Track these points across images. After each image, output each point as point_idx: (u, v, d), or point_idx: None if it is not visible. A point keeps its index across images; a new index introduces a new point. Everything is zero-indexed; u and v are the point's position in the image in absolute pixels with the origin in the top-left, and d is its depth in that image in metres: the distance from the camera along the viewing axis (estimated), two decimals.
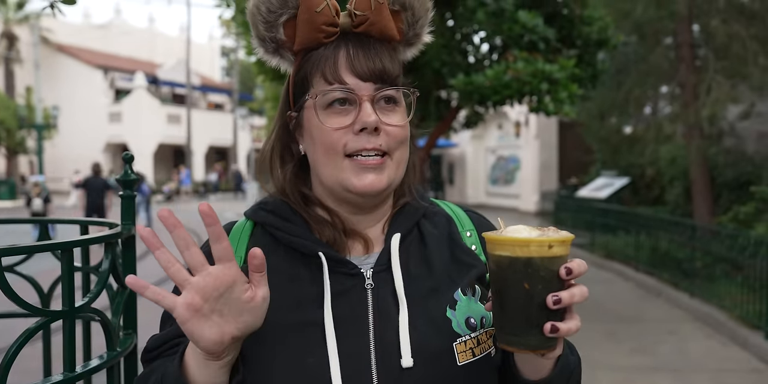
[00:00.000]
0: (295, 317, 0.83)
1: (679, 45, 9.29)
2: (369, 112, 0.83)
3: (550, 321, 0.72)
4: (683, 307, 6.65)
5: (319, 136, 0.86)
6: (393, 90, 0.86)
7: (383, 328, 0.83)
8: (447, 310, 0.86)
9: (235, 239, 0.92)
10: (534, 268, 0.72)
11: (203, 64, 38.72)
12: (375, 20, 0.86)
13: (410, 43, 0.93)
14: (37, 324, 0.97)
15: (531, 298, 0.72)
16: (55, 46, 30.36)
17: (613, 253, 9.33)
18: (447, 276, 0.89)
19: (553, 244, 0.72)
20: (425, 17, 0.91)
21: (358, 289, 0.86)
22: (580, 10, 6.19)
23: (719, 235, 6.72)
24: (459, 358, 0.84)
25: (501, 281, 0.74)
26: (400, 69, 0.89)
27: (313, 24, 0.85)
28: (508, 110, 17.04)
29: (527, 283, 0.72)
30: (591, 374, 4.59)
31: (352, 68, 0.85)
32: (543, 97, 5.60)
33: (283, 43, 0.89)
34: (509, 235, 0.75)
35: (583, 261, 0.75)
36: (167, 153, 32.96)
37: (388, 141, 0.85)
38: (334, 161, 0.85)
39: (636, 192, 13.03)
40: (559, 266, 0.72)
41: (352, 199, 0.88)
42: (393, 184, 0.88)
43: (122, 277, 1.20)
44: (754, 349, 5.11)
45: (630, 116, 11.30)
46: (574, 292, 0.73)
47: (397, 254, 0.88)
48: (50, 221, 1.45)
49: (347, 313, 0.84)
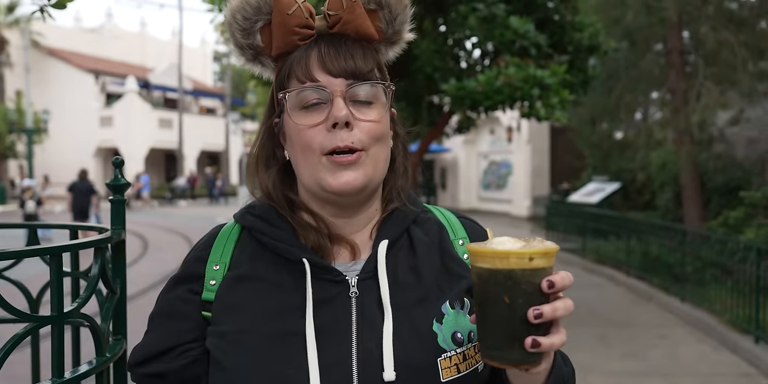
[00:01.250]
0: (277, 326, 0.81)
1: (670, 51, 9.39)
2: (340, 107, 0.82)
3: (533, 335, 0.70)
4: (674, 312, 6.68)
5: (296, 136, 0.85)
6: (366, 84, 0.85)
7: (366, 338, 0.81)
8: (434, 323, 0.84)
9: (222, 243, 0.91)
10: (514, 281, 0.70)
11: (195, 68, 38.66)
12: (348, 19, 0.85)
13: (392, 41, 0.92)
14: (25, 329, 0.96)
15: (512, 311, 0.70)
16: (46, 50, 30.22)
17: (605, 257, 9.37)
18: (436, 286, 0.87)
19: (534, 256, 0.70)
20: (404, 14, 0.90)
21: (342, 297, 0.84)
22: (572, 16, 6.23)
23: (709, 240, 6.76)
24: (443, 374, 0.81)
25: (482, 294, 0.72)
26: (374, 65, 0.87)
27: (286, 27, 0.85)
28: (500, 115, 17.13)
29: (507, 297, 0.70)
30: (583, 379, 4.60)
31: (323, 66, 0.84)
32: (534, 103, 5.62)
33: (261, 49, 0.89)
34: (488, 247, 0.72)
35: (568, 274, 0.72)
36: (159, 158, 32.84)
37: (362, 137, 0.83)
38: (311, 161, 0.84)
39: (627, 197, 13.11)
40: (542, 279, 0.70)
41: (332, 200, 0.86)
42: (371, 183, 0.86)
43: (112, 283, 1.19)
44: (744, 354, 5.14)
45: (621, 122, 11.39)
46: (557, 306, 0.71)
47: (384, 261, 0.86)
48: (40, 226, 1.44)
49: (330, 323, 0.82)
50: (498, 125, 19.63)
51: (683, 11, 8.97)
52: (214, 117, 35.79)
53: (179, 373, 0.86)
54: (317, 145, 0.83)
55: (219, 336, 0.84)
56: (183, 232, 14.59)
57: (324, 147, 0.83)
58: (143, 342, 0.89)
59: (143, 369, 0.87)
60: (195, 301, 0.87)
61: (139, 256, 10.69)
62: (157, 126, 30.78)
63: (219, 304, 0.85)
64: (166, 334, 0.87)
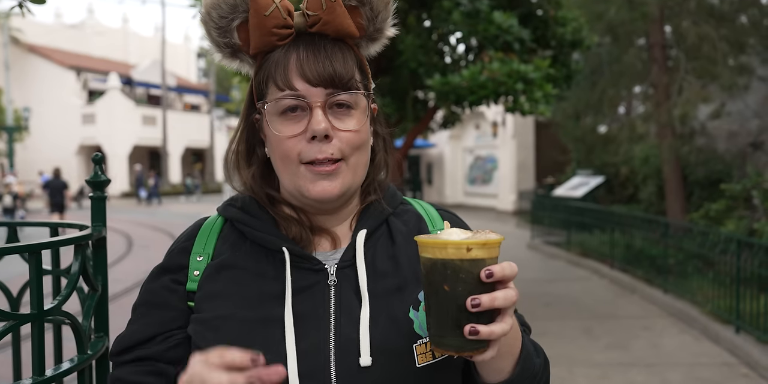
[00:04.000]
0: (257, 314, 0.83)
1: (652, 46, 9.47)
2: (319, 120, 0.82)
3: (472, 323, 0.71)
4: (657, 303, 6.77)
5: (275, 143, 0.85)
6: (345, 94, 0.84)
7: (344, 325, 0.83)
8: (410, 310, 0.85)
9: (205, 235, 0.92)
10: (453, 271, 0.71)
11: (179, 64, 38.31)
12: (328, 19, 0.84)
13: (372, 38, 0.90)
14: (5, 327, 0.96)
15: (453, 299, 0.71)
16: (26, 47, 29.77)
17: (589, 250, 9.46)
18: (413, 275, 0.88)
19: (471, 246, 0.71)
20: (385, 11, 0.88)
21: (321, 286, 0.85)
22: (555, 11, 6.26)
23: (691, 232, 6.85)
24: (418, 359, 0.83)
25: (427, 283, 0.74)
26: (355, 69, 0.86)
27: (264, 28, 0.83)
28: (485, 110, 17.19)
29: (447, 285, 0.71)
30: (567, 370, 4.66)
31: (302, 73, 0.83)
32: (518, 97, 5.65)
33: (239, 47, 0.87)
34: (431, 238, 0.74)
35: (511, 264, 0.73)
36: (143, 155, 32.53)
37: (341, 147, 0.84)
38: (290, 168, 0.85)
39: (611, 190, 13.23)
40: (481, 269, 0.71)
41: (310, 204, 0.88)
42: (350, 190, 0.88)
43: (93, 280, 1.18)
44: (725, 344, 5.22)
45: (604, 116, 11.48)
46: (497, 296, 0.70)
47: (362, 250, 0.87)
48: (20, 224, 1.43)
49: (309, 310, 0.83)
50: (483, 120, 19.69)
51: (665, 6, 9.05)
52: (198, 114, 35.52)
53: (161, 355, 0.86)
54: (296, 154, 0.84)
55: (200, 322, 0.85)
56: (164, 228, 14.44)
57: (303, 157, 0.84)
58: (127, 331, 0.89)
59: (125, 356, 0.87)
60: (179, 291, 0.88)
61: (122, 256, 10.61)
62: (141, 123, 30.48)
63: (201, 293, 0.87)
64: (150, 323, 0.87)
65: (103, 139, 28.86)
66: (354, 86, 0.85)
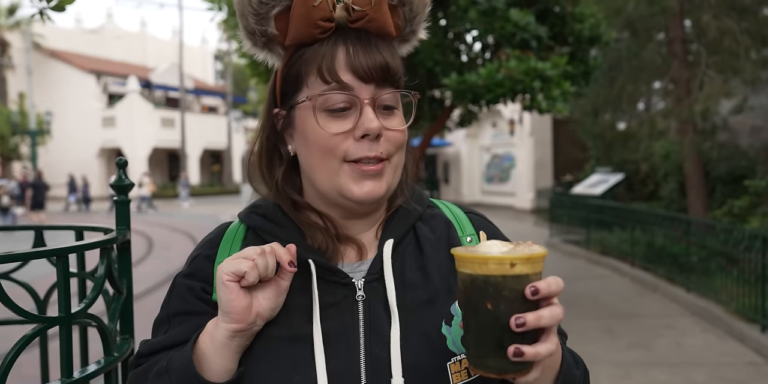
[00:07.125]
0: (284, 331, 0.80)
1: (671, 40, 9.34)
2: (371, 118, 0.79)
3: (516, 344, 0.66)
4: (680, 302, 6.68)
5: (315, 139, 0.81)
6: (390, 94, 0.82)
7: (374, 343, 0.79)
8: (443, 325, 0.82)
9: (229, 242, 0.88)
10: (495, 288, 0.67)
11: (196, 67, 38.67)
12: (374, 16, 0.81)
13: (405, 39, 0.88)
14: (34, 330, 0.97)
15: (495, 319, 0.67)
16: (47, 52, 30.28)
17: (609, 249, 9.36)
18: (444, 286, 0.84)
19: (515, 261, 0.66)
20: (422, 13, 0.87)
21: (348, 301, 0.82)
22: (572, 8, 6.20)
23: (714, 230, 6.75)
24: (453, 379, 0.79)
25: (466, 300, 0.70)
26: (402, 67, 0.84)
27: (310, 19, 0.79)
28: (502, 108, 17.08)
29: (490, 303, 0.67)
30: (589, 370, 4.60)
31: (352, 67, 0.79)
32: (536, 95, 5.61)
33: (274, 37, 0.83)
34: (470, 252, 0.70)
35: (557, 279, 0.69)
36: (162, 157, 32.91)
37: (388, 147, 0.81)
38: (330, 166, 0.81)
39: (630, 188, 13.08)
40: (525, 285, 0.67)
41: (348, 206, 0.84)
42: (391, 190, 0.85)
43: (118, 283, 1.20)
44: (750, 343, 5.14)
45: (623, 112, 11.34)
46: (543, 314, 0.66)
47: (389, 262, 0.83)
48: (46, 228, 1.45)
49: (337, 327, 0.80)
50: (500, 118, 19.58)
51: (685, 0, 8.91)
52: (216, 115, 35.82)
53: None
54: (341, 151, 0.80)
55: None
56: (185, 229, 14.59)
57: (349, 154, 0.80)
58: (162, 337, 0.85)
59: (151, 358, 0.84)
60: (209, 301, 0.85)
61: (145, 256, 10.73)
62: (160, 125, 30.84)
63: None
64: (186, 329, 0.84)
65: (123, 141, 29.26)
66: (401, 81, 0.84)
